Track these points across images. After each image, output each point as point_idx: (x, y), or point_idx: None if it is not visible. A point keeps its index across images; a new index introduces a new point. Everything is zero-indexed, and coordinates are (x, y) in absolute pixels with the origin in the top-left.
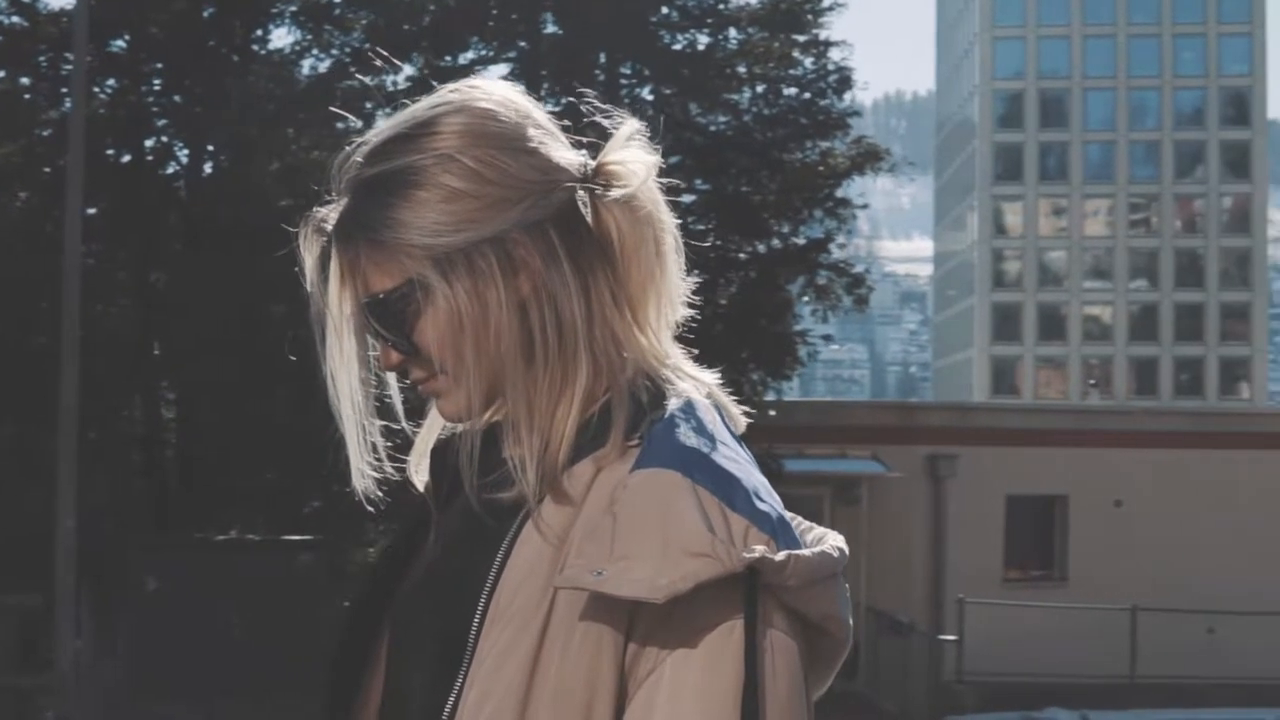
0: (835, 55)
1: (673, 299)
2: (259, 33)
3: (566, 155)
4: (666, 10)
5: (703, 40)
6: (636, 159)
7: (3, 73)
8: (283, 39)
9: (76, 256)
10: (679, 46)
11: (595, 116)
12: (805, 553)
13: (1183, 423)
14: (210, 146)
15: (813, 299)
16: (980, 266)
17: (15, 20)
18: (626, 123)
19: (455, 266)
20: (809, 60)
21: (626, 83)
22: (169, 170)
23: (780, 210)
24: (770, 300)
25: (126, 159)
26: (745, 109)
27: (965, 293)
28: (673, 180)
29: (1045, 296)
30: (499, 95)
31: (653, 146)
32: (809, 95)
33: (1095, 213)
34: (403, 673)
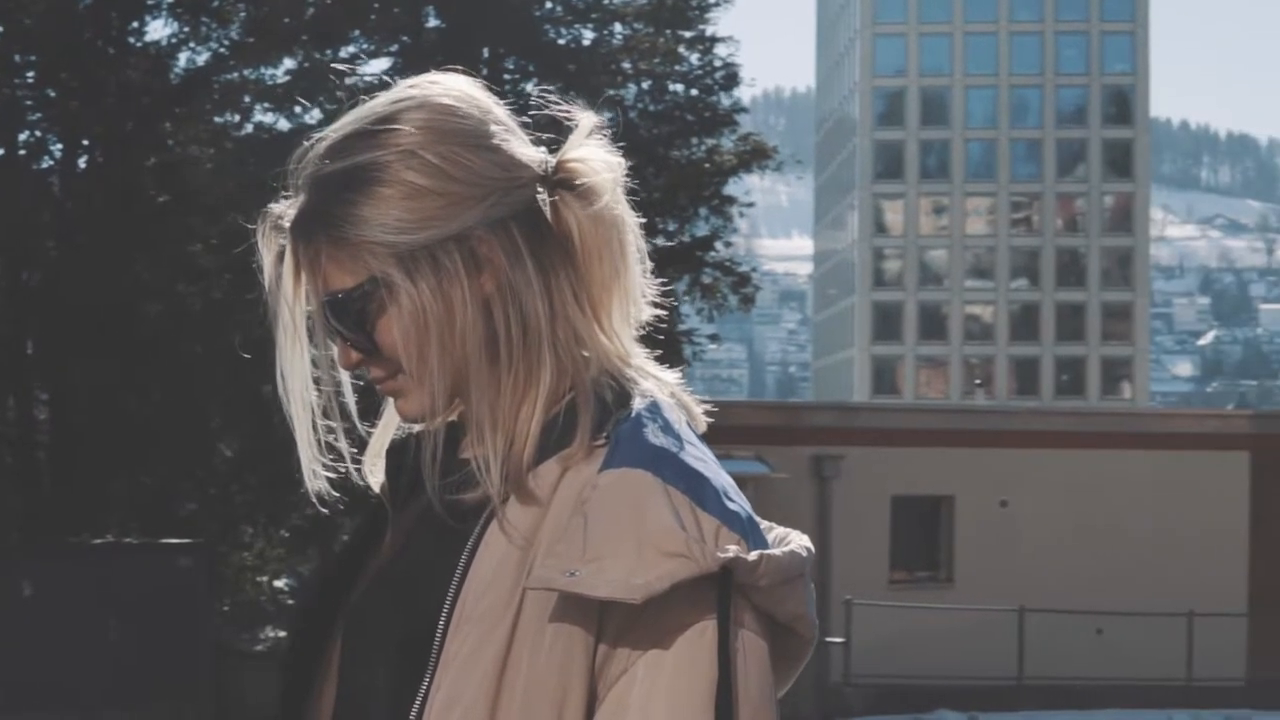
0: (721, 51)
1: (635, 298)
2: (135, 25)
3: (528, 152)
4: (551, 5)
5: (588, 35)
6: (596, 156)
7: None
8: (159, 31)
9: None
10: (563, 41)
11: (548, 110)
12: (776, 552)
13: (1068, 423)
14: (85, 141)
15: (698, 298)
16: (860, 265)
17: None
18: (584, 118)
19: (419, 264)
20: (695, 56)
21: (510, 78)
22: (43, 165)
23: (666, 208)
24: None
25: None
26: (631, 105)
27: (845, 292)
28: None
29: (926, 295)
30: (459, 91)
31: (613, 144)
32: (695, 92)
33: (976, 211)
34: (360, 674)
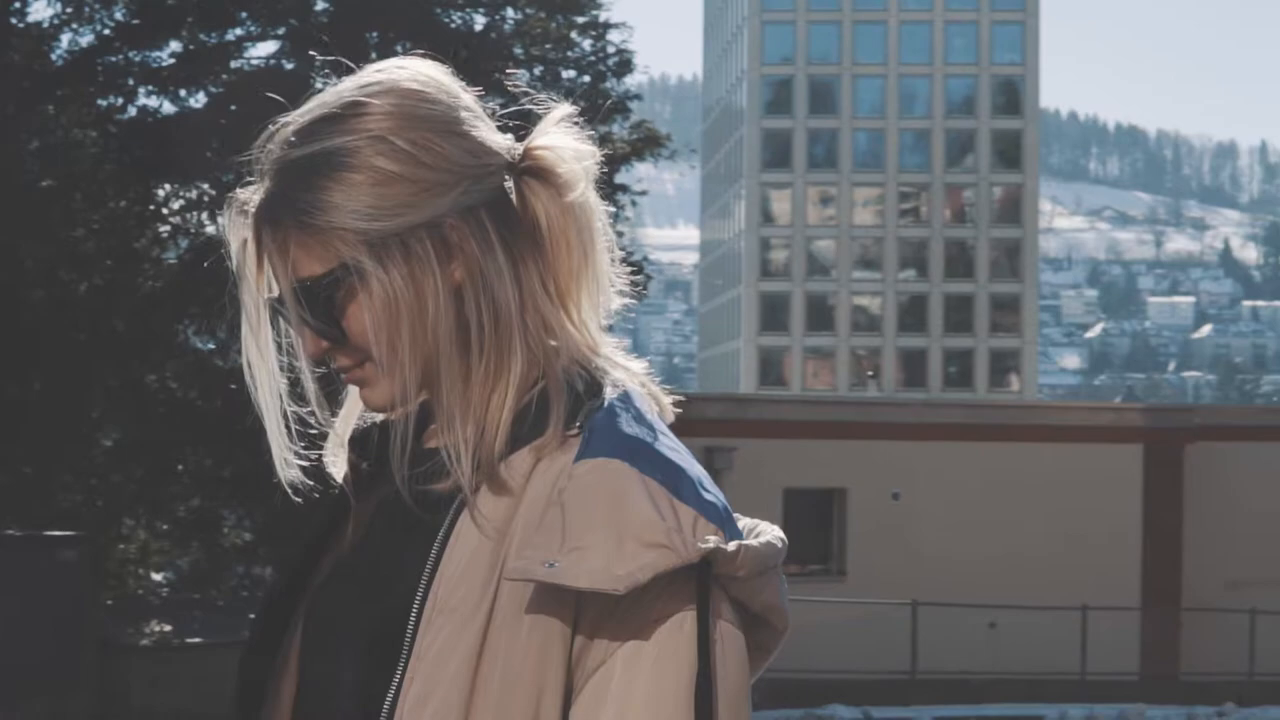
0: (615, 38)
1: (604, 287)
2: (17, 5)
3: (496, 139)
4: None
5: (479, 20)
6: (565, 144)
7: None
8: (42, 12)
9: None
10: (455, 26)
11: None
12: (754, 543)
13: (961, 415)
14: None
15: None
16: (747, 255)
17: None
18: (558, 107)
19: (390, 251)
20: (587, 42)
21: None
22: None
23: None
24: None
25: None
26: (521, 91)
27: (732, 282)
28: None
29: (813, 286)
30: (427, 76)
31: (585, 132)
32: (588, 78)
33: (864, 202)
34: (323, 667)
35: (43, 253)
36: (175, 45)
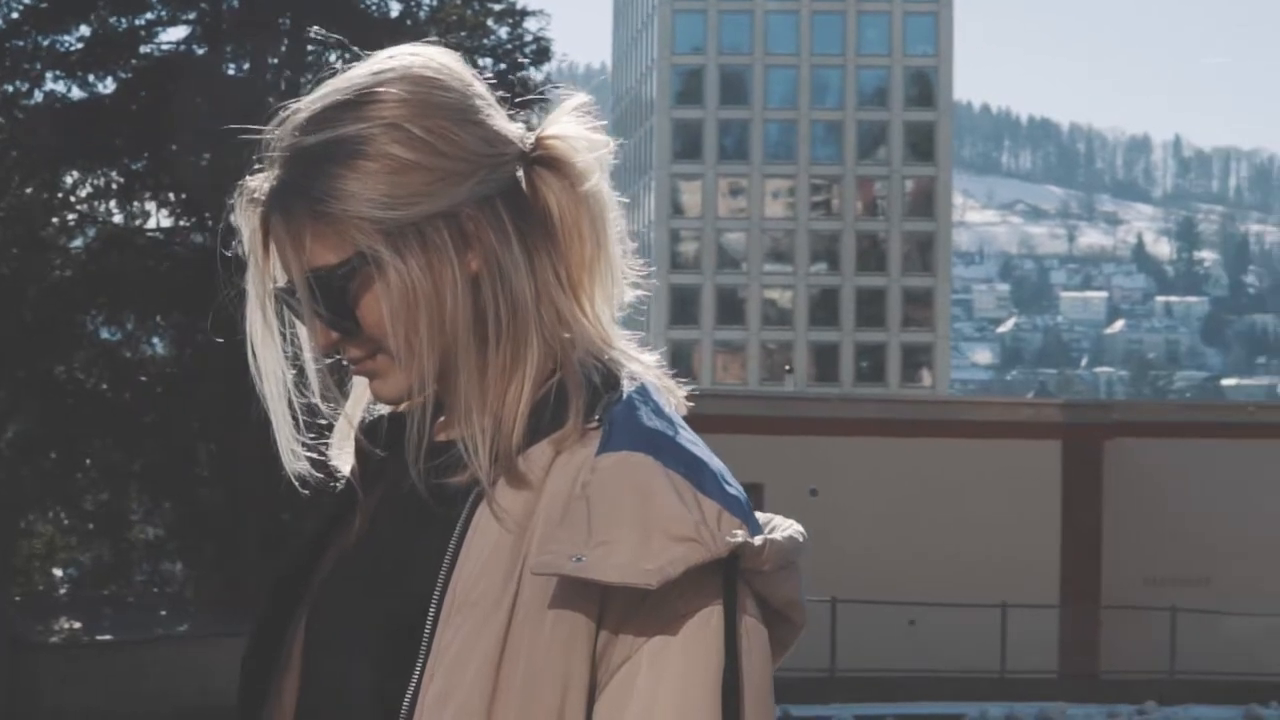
0: (532, 25)
1: (616, 279)
2: None
3: (509, 127)
4: None
5: (394, 6)
6: (578, 133)
7: None
8: None
9: None
10: (369, 11)
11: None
12: (778, 537)
13: (879, 410)
14: None
15: None
16: (656, 247)
17: None
18: (573, 96)
19: (407, 241)
20: (504, 30)
21: (314, 48)
22: None
23: None
24: None
25: None
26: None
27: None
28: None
29: (723, 279)
30: (440, 63)
31: (599, 121)
32: (504, 66)
33: (775, 194)
34: (332, 664)
35: None
36: (84, 30)
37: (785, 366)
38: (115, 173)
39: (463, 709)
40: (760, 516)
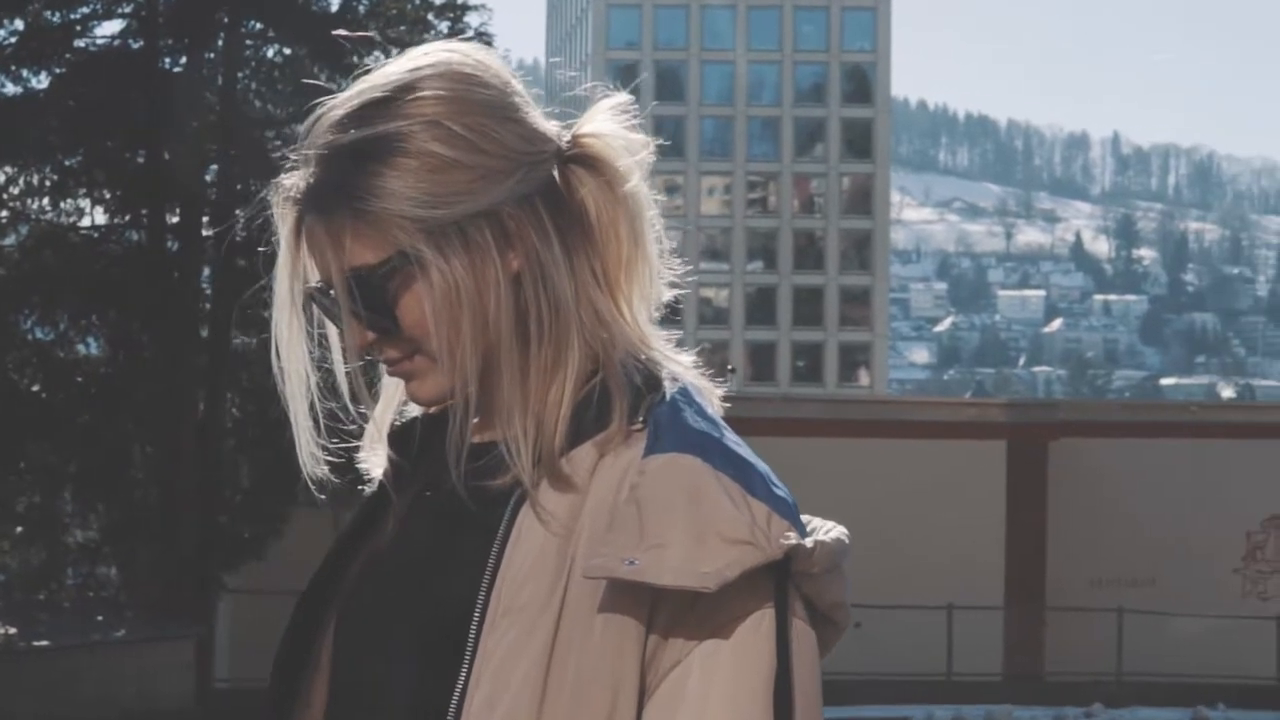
0: (473, 20)
1: (653, 279)
2: None
3: (546, 125)
4: None
5: (334, 1)
6: (614, 132)
7: None
8: None
9: None
10: (309, 6)
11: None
12: (826, 539)
13: (821, 410)
14: None
15: None
16: None
17: None
18: (612, 95)
19: (450, 240)
20: (445, 24)
21: (252, 42)
22: None
23: None
24: None
25: None
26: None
27: None
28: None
29: None
30: (477, 59)
31: (636, 120)
32: None
33: (711, 191)
34: (368, 669)
35: None
36: (18, 23)
37: (728, 367)
38: (49, 169)
39: (510, 715)
40: (803, 518)
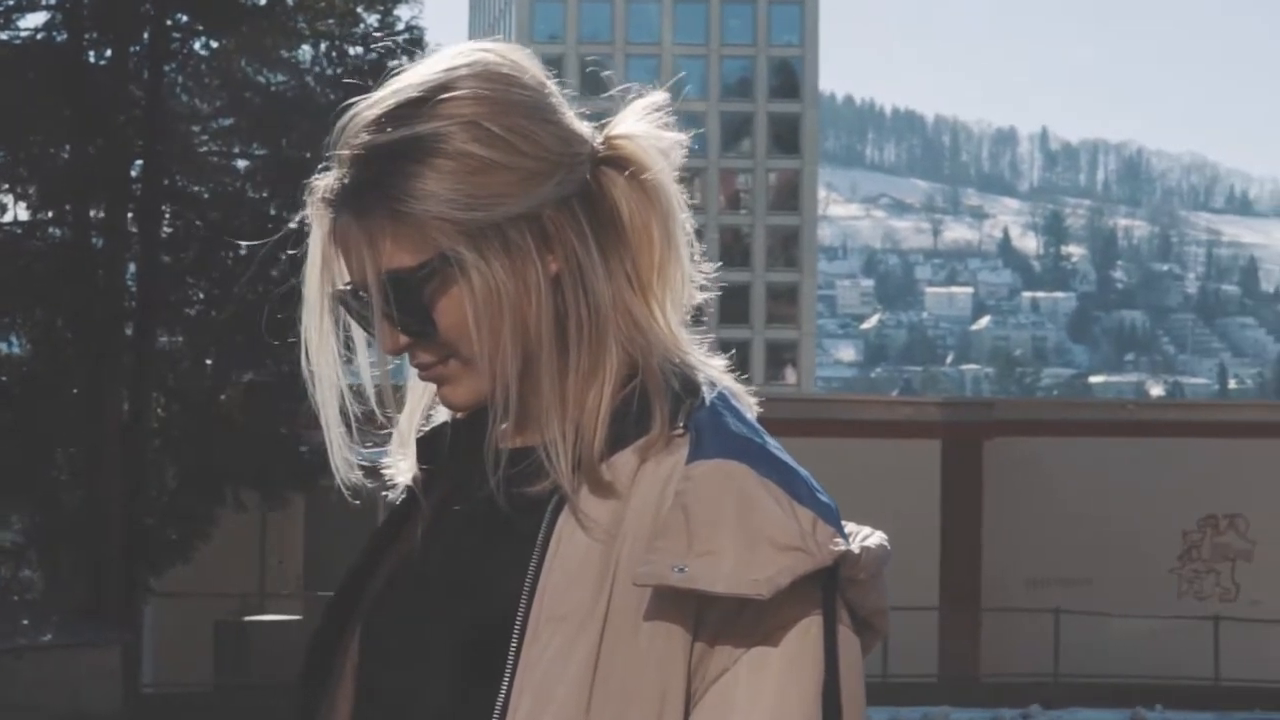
0: (404, 12)
1: (685, 282)
2: None
3: (581, 126)
4: None
5: None
6: (647, 132)
7: None
8: None
9: None
10: None
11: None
12: (871, 545)
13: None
14: None
15: None
16: None
17: None
18: (647, 96)
19: (490, 242)
20: (374, 18)
21: (178, 35)
22: None
23: None
24: None
25: None
26: (307, 68)
27: None
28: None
29: None
30: (512, 59)
31: (671, 121)
32: (376, 55)
33: None
34: (399, 680)
35: None
36: None
37: None
38: None
39: None
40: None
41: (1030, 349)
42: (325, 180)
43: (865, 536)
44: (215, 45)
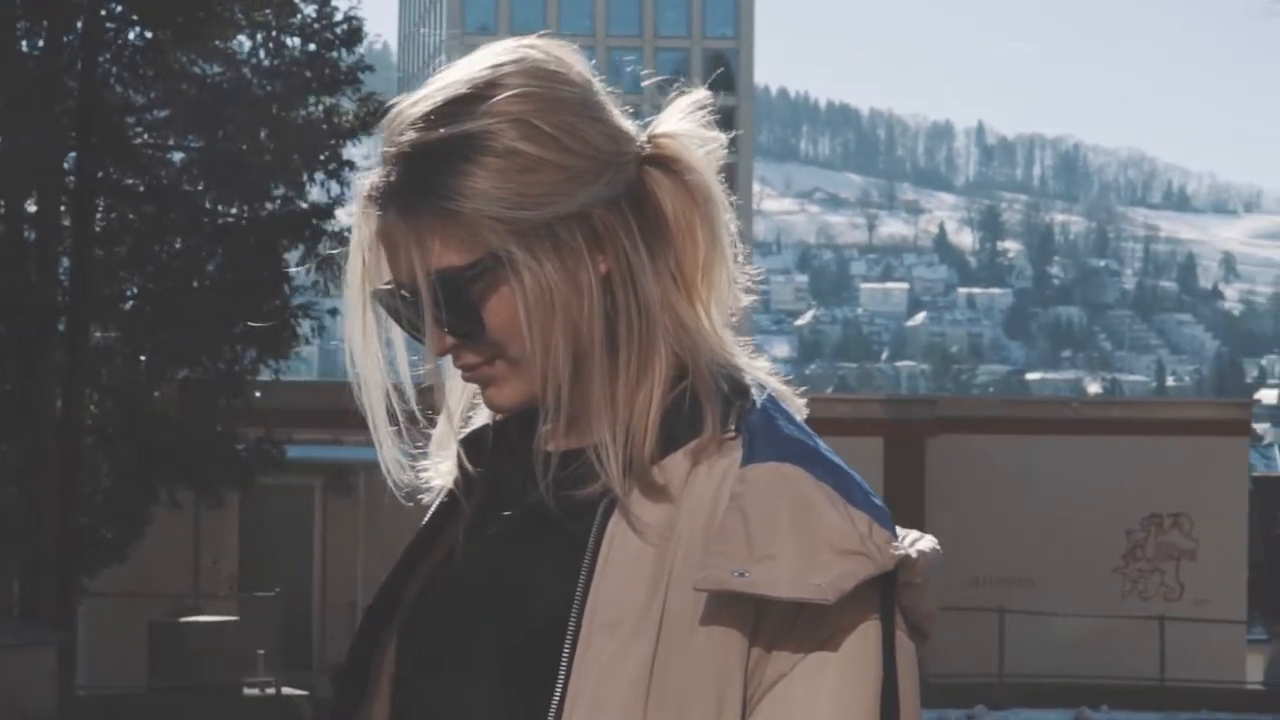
0: (341, 3)
1: (730, 284)
2: None
3: (628, 124)
4: None
5: None
6: (690, 131)
7: None
8: None
9: None
10: None
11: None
12: (925, 549)
13: None
14: None
15: (313, 270)
16: None
17: None
18: (691, 93)
19: (541, 241)
20: (312, 8)
21: (113, 25)
22: None
23: (279, 172)
24: (266, 271)
25: None
26: (243, 59)
27: None
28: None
29: None
30: (558, 55)
31: (713, 120)
32: (314, 46)
33: None
34: (444, 686)
35: None
36: None
37: None
38: None
39: None
40: None
41: (966, 346)
42: (370, 178)
43: (915, 540)
44: (151, 35)
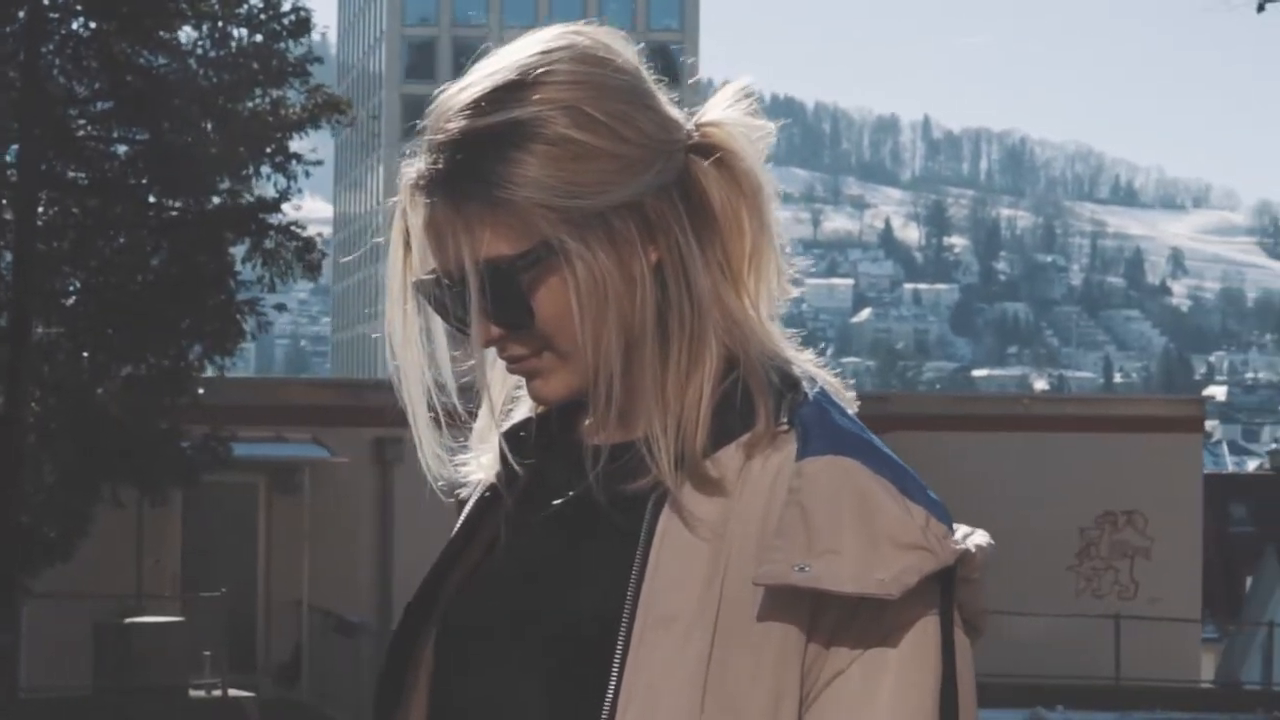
0: None
1: (778, 275)
2: None
3: (676, 113)
4: None
5: None
6: (736, 119)
7: None
8: None
9: None
10: None
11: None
12: (982, 543)
13: None
14: None
15: (259, 265)
16: (385, 231)
17: None
18: (735, 81)
19: (594, 231)
20: None
21: (56, 15)
22: None
23: (225, 165)
24: (212, 265)
25: None
26: (189, 50)
27: (368, 259)
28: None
29: None
30: (605, 42)
31: (759, 108)
32: (260, 38)
33: None
34: (489, 683)
35: None
36: None
37: None
38: None
39: None
40: None
41: (912, 342)
42: (415, 166)
43: (969, 534)
44: (95, 26)
